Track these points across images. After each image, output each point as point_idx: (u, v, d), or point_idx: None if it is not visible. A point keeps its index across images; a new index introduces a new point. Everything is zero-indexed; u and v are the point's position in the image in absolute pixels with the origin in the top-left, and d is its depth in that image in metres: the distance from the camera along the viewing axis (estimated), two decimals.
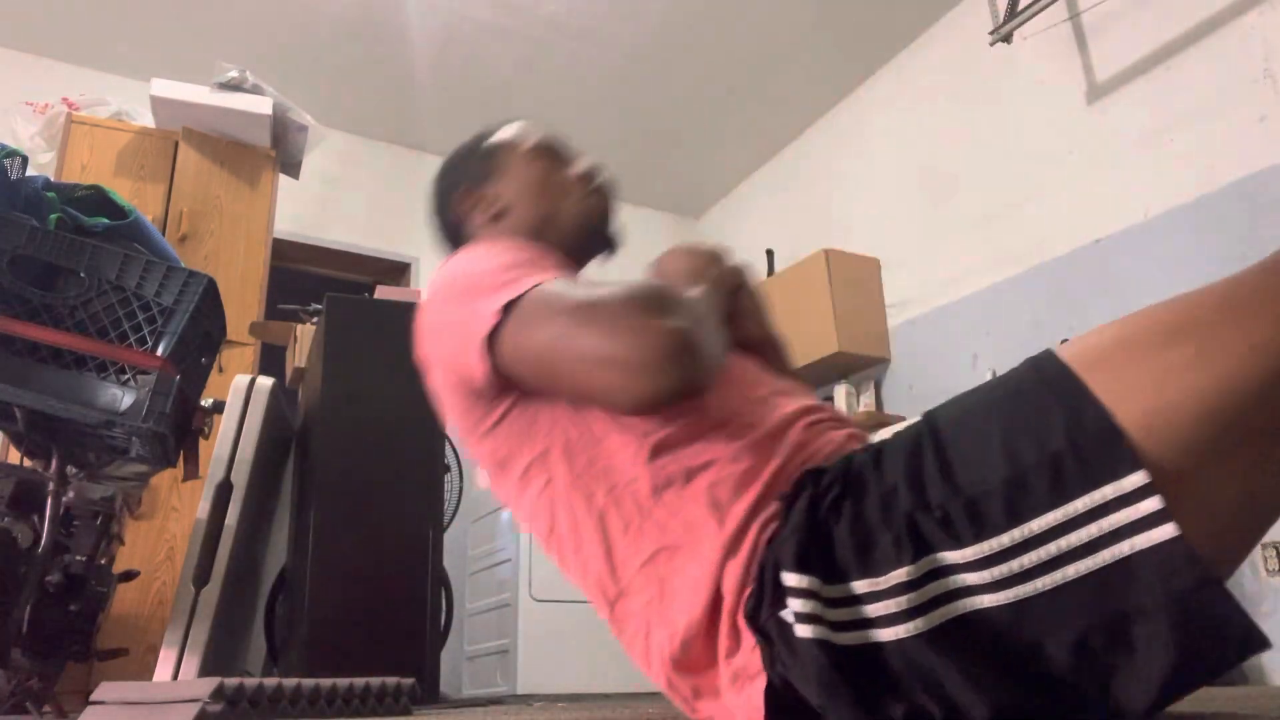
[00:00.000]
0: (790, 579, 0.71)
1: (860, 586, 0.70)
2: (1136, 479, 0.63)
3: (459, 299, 0.90)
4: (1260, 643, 0.61)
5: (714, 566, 0.79)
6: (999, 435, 0.69)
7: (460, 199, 1.18)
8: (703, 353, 0.79)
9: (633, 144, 4.94)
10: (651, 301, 0.79)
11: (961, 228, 3.81)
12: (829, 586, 0.71)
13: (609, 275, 0.85)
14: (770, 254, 4.84)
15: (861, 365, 4.14)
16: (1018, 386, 0.72)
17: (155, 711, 1.18)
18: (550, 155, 1.19)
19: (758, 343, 1.05)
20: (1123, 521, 0.63)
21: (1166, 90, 3.07)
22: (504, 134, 1.23)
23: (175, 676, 1.99)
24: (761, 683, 0.74)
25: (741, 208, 5.37)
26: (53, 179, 2.28)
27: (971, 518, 0.67)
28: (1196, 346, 0.64)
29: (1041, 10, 3.27)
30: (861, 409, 4.04)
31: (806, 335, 4.10)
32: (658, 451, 0.84)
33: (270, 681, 1.25)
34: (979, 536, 0.66)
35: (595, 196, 1.17)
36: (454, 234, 1.21)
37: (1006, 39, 3.44)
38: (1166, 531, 0.61)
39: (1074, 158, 3.37)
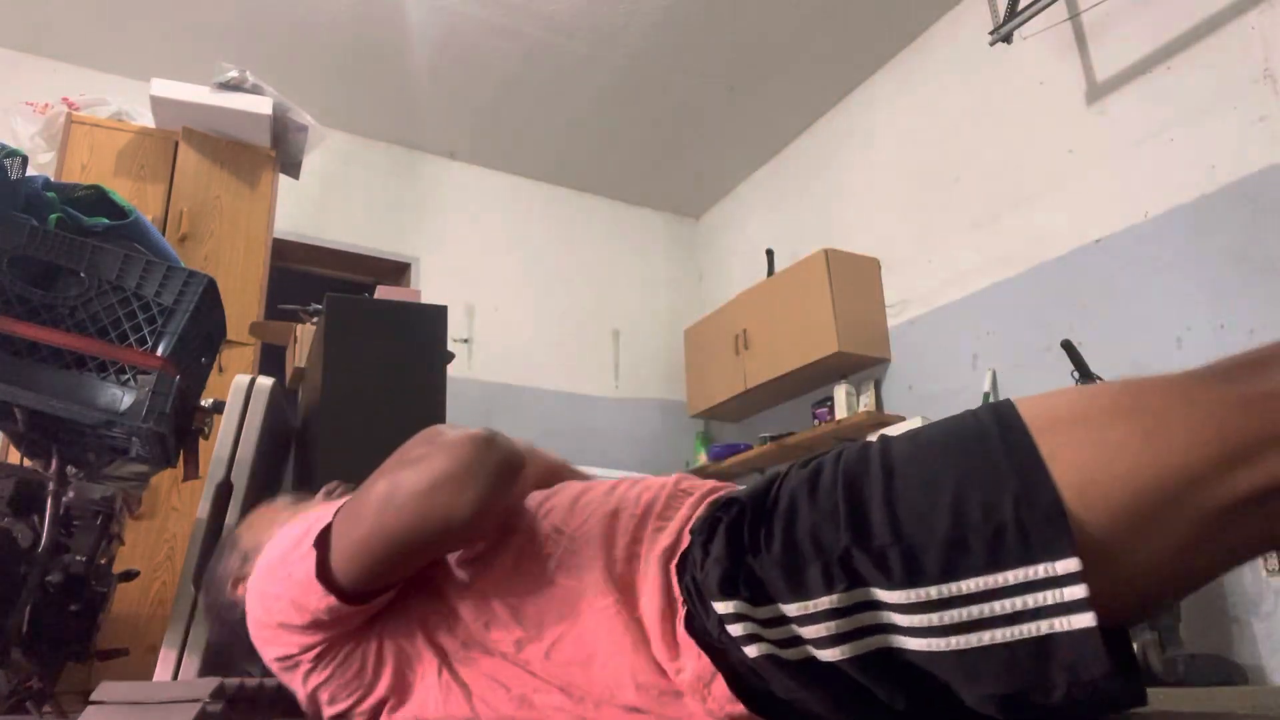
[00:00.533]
0: (719, 607, 0.75)
1: (791, 609, 0.73)
2: (1069, 564, 0.65)
3: (274, 573, 0.93)
4: (1138, 701, 0.67)
5: (622, 628, 0.82)
6: (950, 488, 0.71)
7: (233, 589, 1.17)
8: (504, 438, 0.86)
9: (633, 144, 4.94)
10: (438, 428, 0.88)
11: (961, 228, 3.81)
12: (759, 608, 0.74)
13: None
14: (770, 254, 4.84)
15: (861, 365, 4.14)
16: (978, 440, 0.73)
17: (155, 711, 1.18)
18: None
19: (552, 474, 1.14)
20: (1047, 602, 0.66)
21: (1166, 90, 3.07)
22: (243, 523, 1.27)
23: (175, 676, 1.99)
24: (721, 681, 0.77)
25: (741, 208, 5.37)
26: (53, 179, 2.28)
27: (907, 563, 0.69)
28: (1143, 431, 0.68)
29: (1041, 10, 3.27)
30: (861, 409, 4.04)
31: (806, 335, 4.10)
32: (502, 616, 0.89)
33: (270, 681, 1.25)
34: (910, 583, 0.69)
35: None
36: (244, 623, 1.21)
37: (1006, 39, 3.44)
38: (1085, 620, 0.64)
39: (1074, 158, 3.37)
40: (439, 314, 2.35)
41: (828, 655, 0.71)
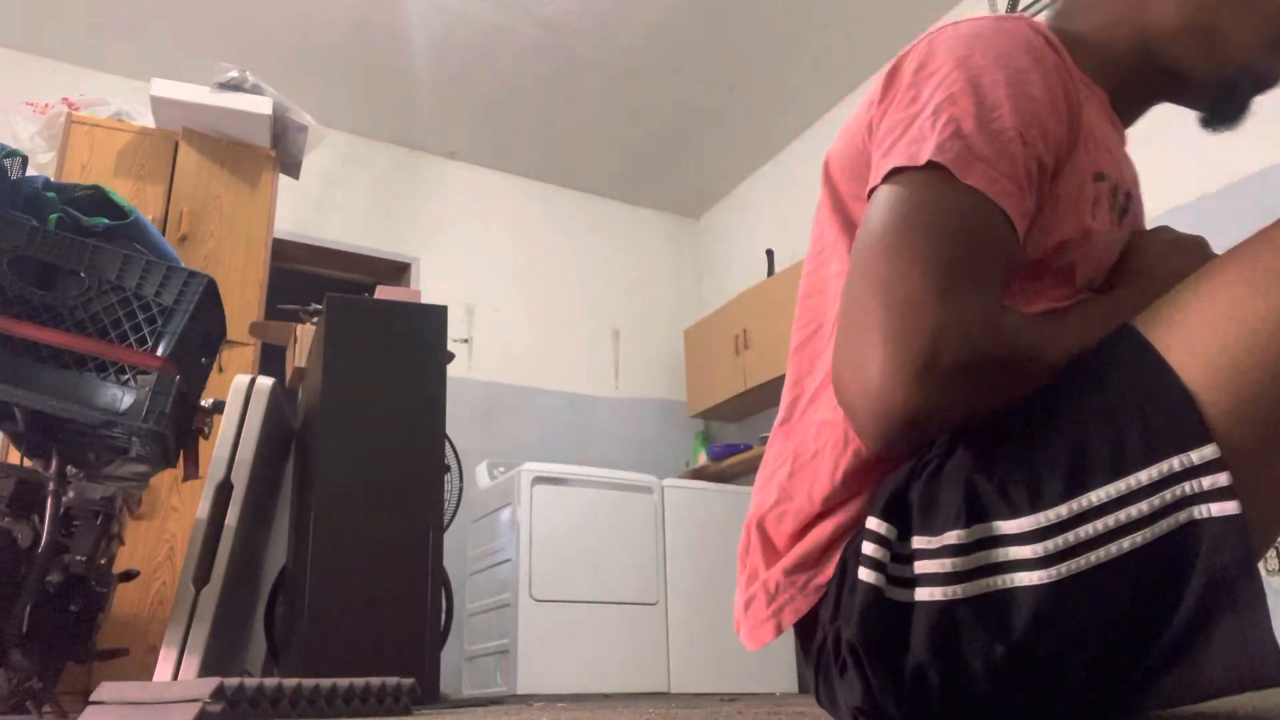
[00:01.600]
0: (872, 523, 0.69)
1: (917, 543, 0.67)
2: (1206, 452, 0.60)
3: (932, 97, 0.70)
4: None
5: (859, 486, 0.74)
6: (1065, 404, 0.66)
7: None
8: (927, 436, 0.69)
9: (633, 144, 4.94)
10: (959, 365, 0.63)
11: None
12: (900, 542, 0.69)
13: None
14: (770, 254, 4.84)
15: None
16: (1088, 355, 0.68)
17: (155, 711, 1.18)
18: None
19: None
20: (1186, 494, 0.60)
21: None
22: None
23: (175, 676, 1.99)
24: (798, 610, 0.74)
25: (741, 208, 5.38)
26: (53, 179, 2.28)
27: (1030, 488, 0.64)
28: (1251, 286, 0.62)
29: (1041, 10, 3.27)
30: None
31: None
32: None
33: (270, 681, 1.25)
34: (1035, 507, 0.63)
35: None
36: None
37: None
38: (1229, 508, 0.59)
39: None
40: (439, 314, 2.36)
41: (936, 594, 0.65)
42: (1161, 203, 3.03)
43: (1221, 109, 0.88)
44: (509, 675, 3.25)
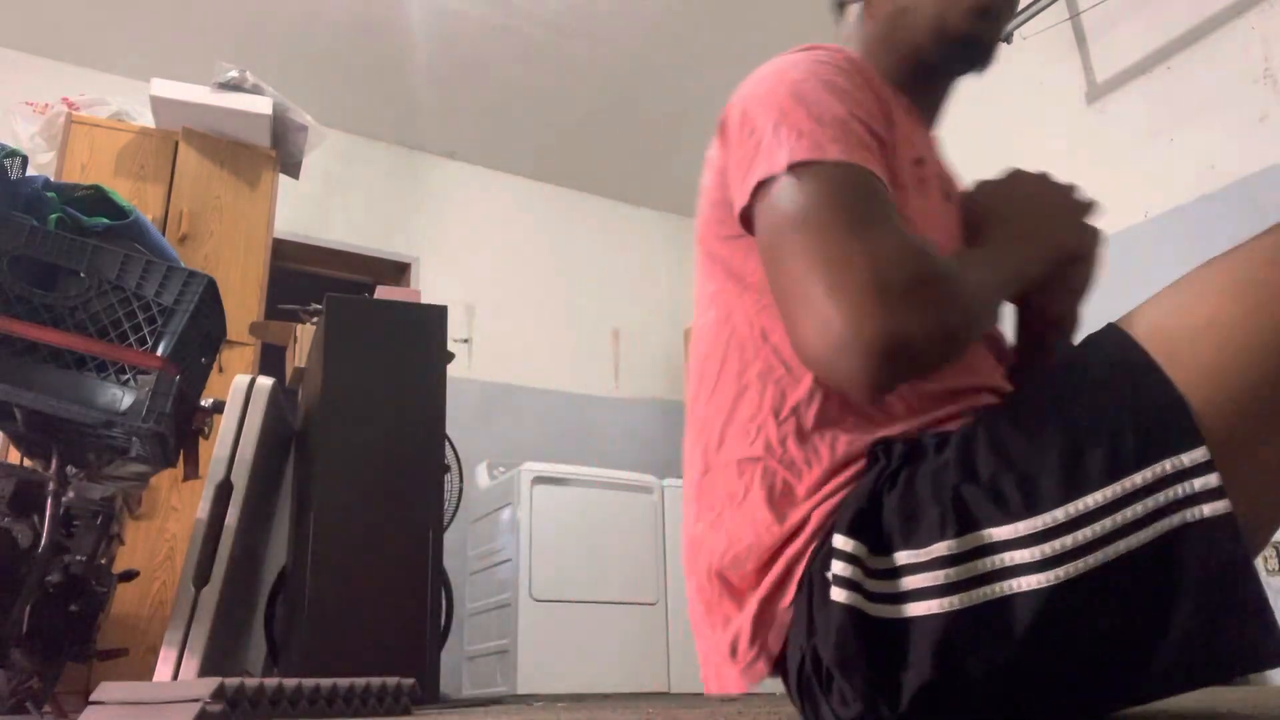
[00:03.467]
0: (839, 541, 0.70)
1: (902, 558, 0.68)
2: (1196, 455, 0.62)
3: (766, 121, 0.77)
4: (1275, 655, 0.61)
5: (801, 509, 0.76)
6: (1057, 408, 0.67)
7: None
8: (915, 367, 0.70)
9: (633, 144, 4.94)
10: (907, 283, 0.67)
11: None
12: (874, 557, 0.69)
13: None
14: None
15: None
16: (1080, 357, 0.70)
17: (155, 711, 1.18)
18: None
19: (1047, 322, 0.95)
20: (1178, 496, 0.62)
21: (1166, 90, 3.07)
22: None
23: (175, 676, 1.99)
24: (780, 639, 0.74)
25: None
26: (53, 179, 2.28)
27: (1024, 492, 0.65)
28: (1254, 304, 0.64)
29: (1041, 10, 3.27)
30: None
31: None
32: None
33: (270, 681, 1.25)
34: (1031, 511, 0.64)
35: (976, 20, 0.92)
36: None
37: (1007, 39, 3.44)
38: (1219, 507, 0.61)
39: (1074, 158, 3.37)
40: (439, 314, 2.35)
41: (934, 607, 0.65)
42: (1162, 203, 3.03)
43: (972, 62, 0.98)
44: (509, 675, 3.25)
